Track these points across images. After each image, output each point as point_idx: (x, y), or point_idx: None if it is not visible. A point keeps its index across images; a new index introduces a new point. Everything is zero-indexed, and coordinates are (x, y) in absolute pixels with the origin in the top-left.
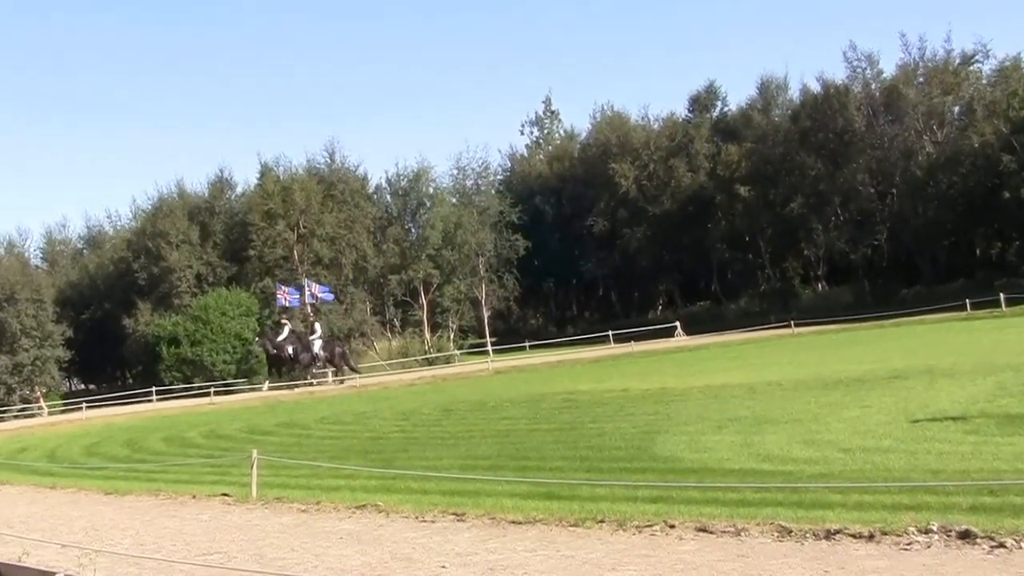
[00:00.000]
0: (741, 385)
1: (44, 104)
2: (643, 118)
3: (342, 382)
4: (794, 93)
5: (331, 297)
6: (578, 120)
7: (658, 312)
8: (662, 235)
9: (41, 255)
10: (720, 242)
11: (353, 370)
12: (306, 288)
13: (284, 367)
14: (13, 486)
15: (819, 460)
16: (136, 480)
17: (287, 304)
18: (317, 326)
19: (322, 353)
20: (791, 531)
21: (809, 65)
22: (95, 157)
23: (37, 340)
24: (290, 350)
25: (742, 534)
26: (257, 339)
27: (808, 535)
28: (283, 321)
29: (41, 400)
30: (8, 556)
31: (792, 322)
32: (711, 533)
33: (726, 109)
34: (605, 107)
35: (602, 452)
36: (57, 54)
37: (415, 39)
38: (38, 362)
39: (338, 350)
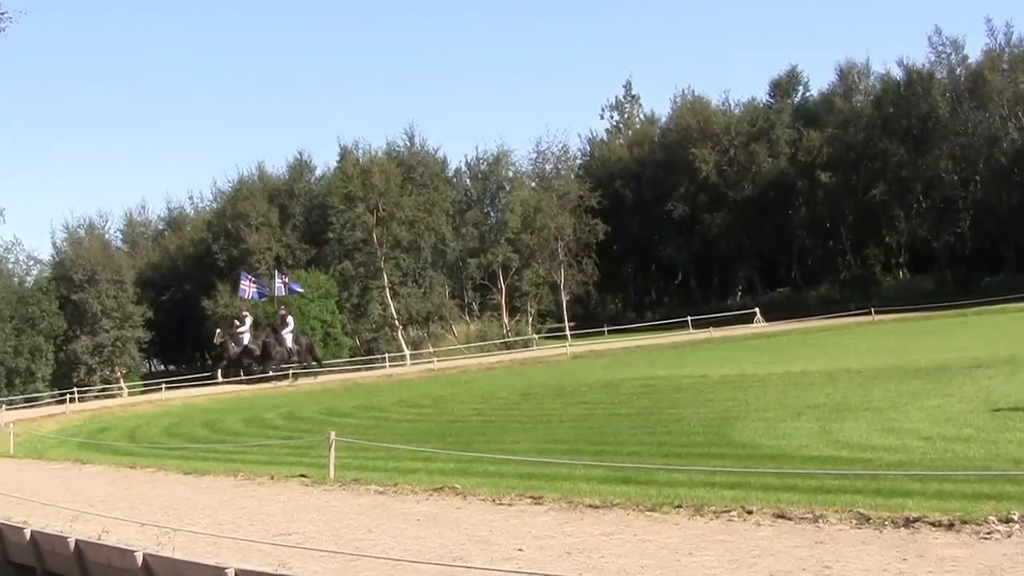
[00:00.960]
0: (820, 372)
1: (124, 87)
2: (724, 103)
3: (297, 377)
4: (875, 79)
5: (301, 290)
6: (658, 105)
7: (737, 298)
8: (742, 221)
9: (121, 237)
10: (801, 228)
11: (318, 363)
12: (276, 279)
13: (246, 362)
14: (94, 465)
15: (899, 448)
16: (215, 460)
17: (248, 296)
18: (289, 319)
19: (294, 347)
20: (870, 519)
21: (890, 51)
22: (177, 140)
23: (117, 321)
24: (255, 344)
25: (820, 521)
26: (217, 331)
27: (887, 523)
28: (244, 314)
29: (121, 380)
30: (89, 534)
31: (873, 310)
32: (789, 520)
33: (807, 94)
34: (686, 92)
35: (680, 437)
36: (138, 35)
37: (496, 23)
38: (118, 343)
39: (305, 342)
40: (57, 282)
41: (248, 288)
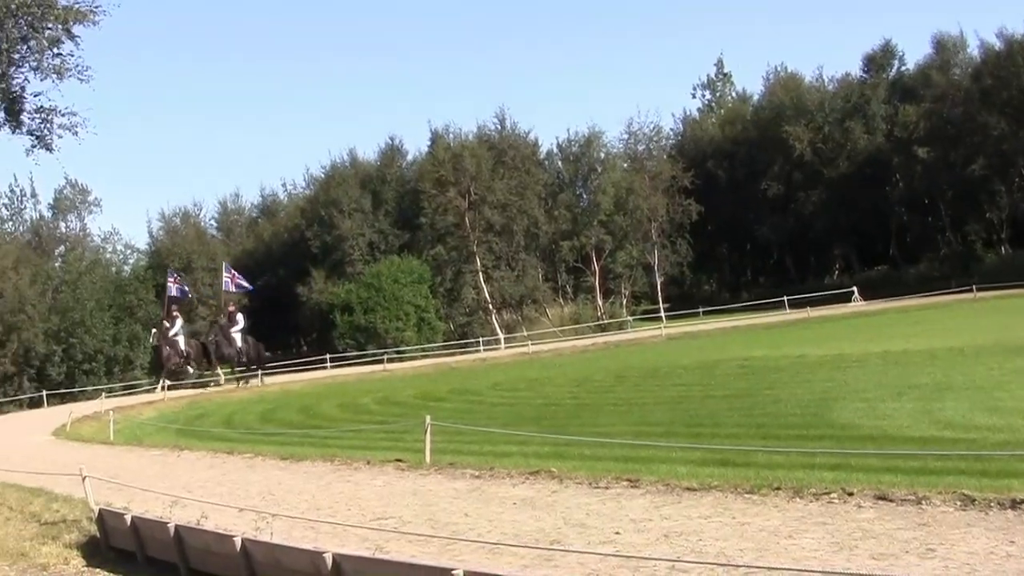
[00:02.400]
0: (921, 351)
1: (218, 77)
2: (817, 79)
3: (247, 382)
4: (973, 51)
5: (249, 287)
6: (750, 82)
7: (834, 277)
8: (838, 198)
9: (216, 225)
10: (898, 205)
11: (262, 363)
12: (225, 274)
13: (175, 364)
14: (192, 451)
15: (1003, 428)
16: (311, 446)
17: (177, 294)
18: (240, 317)
19: (244, 346)
20: (974, 500)
21: (988, 21)
22: (270, 128)
23: (214, 308)
24: (189, 346)
25: (923, 503)
26: (153, 332)
27: (992, 504)
28: (175, 313)
29: (217, 367)
30: (188, 519)
31: (974, 287)
32: (891, 501)
33: (903, 68)
34: (778, 68)
35: (778, 419)
36: (230, 25)
37: (587, 4)
38: (213, 328)
39: (253, 341)
40: (154, 270)
41: (174, 285)
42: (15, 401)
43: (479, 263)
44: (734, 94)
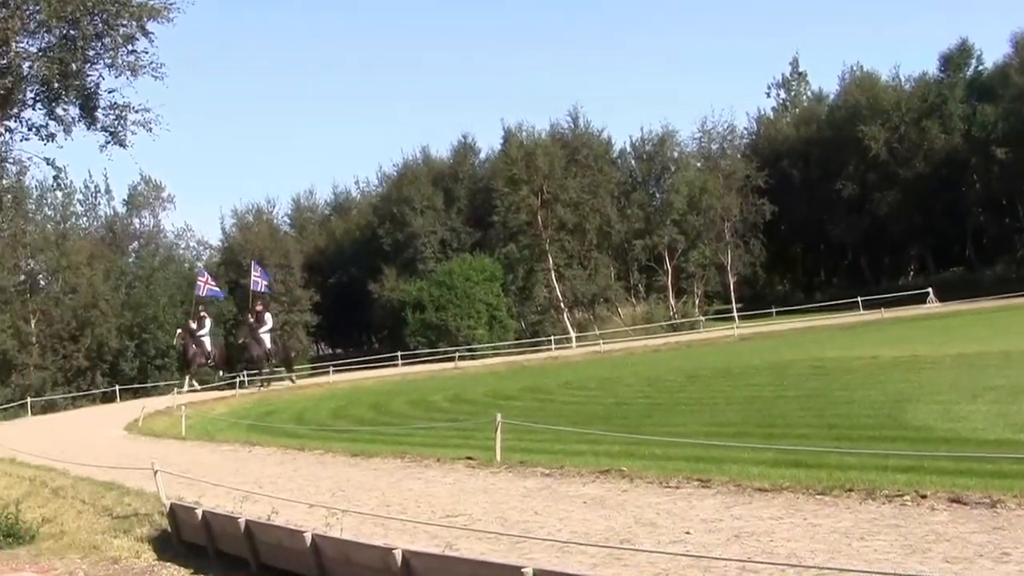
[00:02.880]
0: (997, 353)
1: (291, 74)
2: (893, 78)
3: (267, 384)
4: None
5: (266, 290)
6: (826, 82)
7: (909, 278)
8: (914, 199)
9: (289, 222)
10: (975, 206)
11: (290, 365)
12: (254, 273)
13: (199, 364)
14: (263, 447)
15: None
16: (382, 443)
17: (204, 294)
18: (268, 316)
19: (272, 347)
20: None
21: None
22: (343, 126)
23: (285, 305)
24: (216, 347)
25: (998, 506)
26: (178, 332)
27: None
28: (202, 313)
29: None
30: (258, 515)
31: None
32: (965, 504)
33: (980, 68)
34: (854, 68)
35: (851, 420)
36: (303, 23)
37: (661, 3)
38: (286, 326)
39: (282, 343)
40: (226, 267)
41: (204, 284)
42: (88, 396)
43: (551, 261)
44: (809, 93)
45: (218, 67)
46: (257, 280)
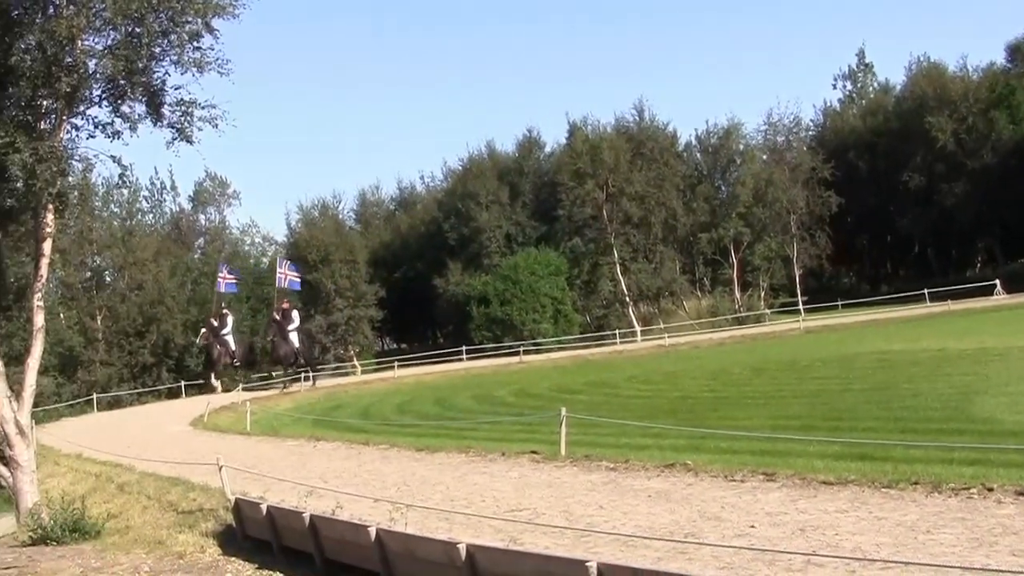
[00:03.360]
0: None
1: (358, 69)
2: (960, 69)
3: (287, 386)
4: None
5: (298, 286)
6: (892, 73)
7: (976, 270)
8: (982, 190)
9: (355, 217)
10: None
11: (314, 365)
12: (279, 270)
13: (226, 366)
14: (328, 442)
15: None
16: (446, 437)
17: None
18: (295, 314)
19: (300, 346)
20: None
21: None
22: (408, 120)
23: (351, 300)
24: (241, 345)
25: None
26: (202, 331)
27: None
28: (224, 311)
29: (355, 359)
30: (323, 509)
31: None
32: None
33: None
34: (921, 59)
35: (917, 413)
36: (369, 17)
37: None
38: (352, 322)
39: (307, 341)
40: (292, 262)
41: (223, 281)
42: (153, 391)
43: (616, 255)
44: (876, 85)
45: (284, 62)
46: (283, 275)
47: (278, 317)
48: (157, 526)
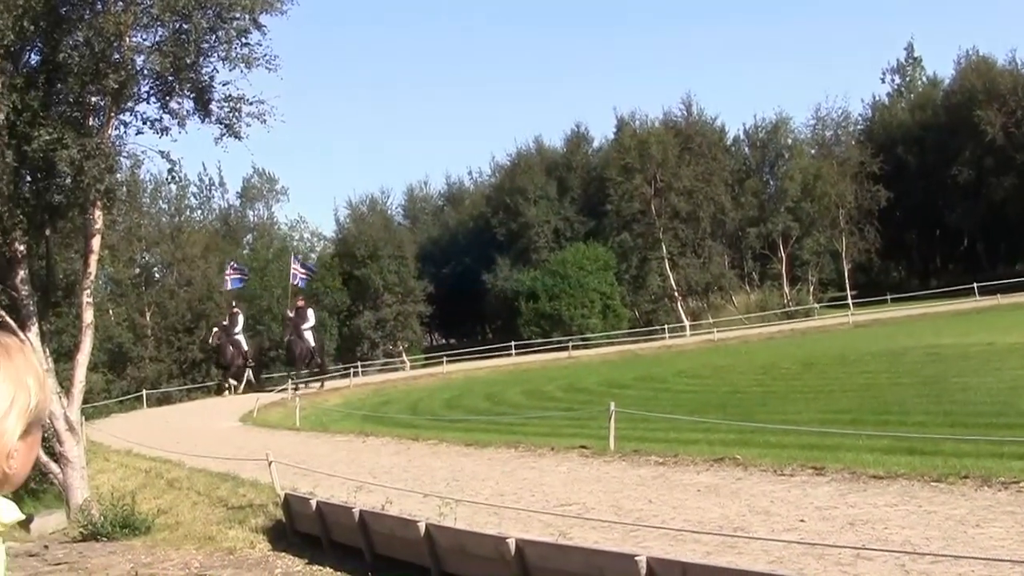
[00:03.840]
0: None
1: (406, 65)
2: (1010, 62)
3: (296, 390)
4: None
5: (304, 284)
6: (941, 67)
7: None
8: None
9: (403, 212)
10: None
11: (324, 368)
12: (293, 265)
13: (239, 367)
14: (377, 438)
15: None
16: (495, 432)
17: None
18: (310, 313)
19: (315, 345)
20: None
21: None
22: (456, 115)
23: (399, 296)
24: (251, 345)
25: None
26: (214, 331)
27: None
28: (235, 310)
29: (403, 354)
30: (372, 505)
31: None
32: None
33: None
34: (970, 52)
35: (967, 407)
36: (417, 11)
37: None
38: (400, 317)
39: (320, 340)
40: (340, 258)
41: (230, 276)
42: (203, 388)
43: (665, 250)
44: (924, 79)
45: (331, 58)
46: (295, 273)
47: (291, 315)
48: (207, 522)
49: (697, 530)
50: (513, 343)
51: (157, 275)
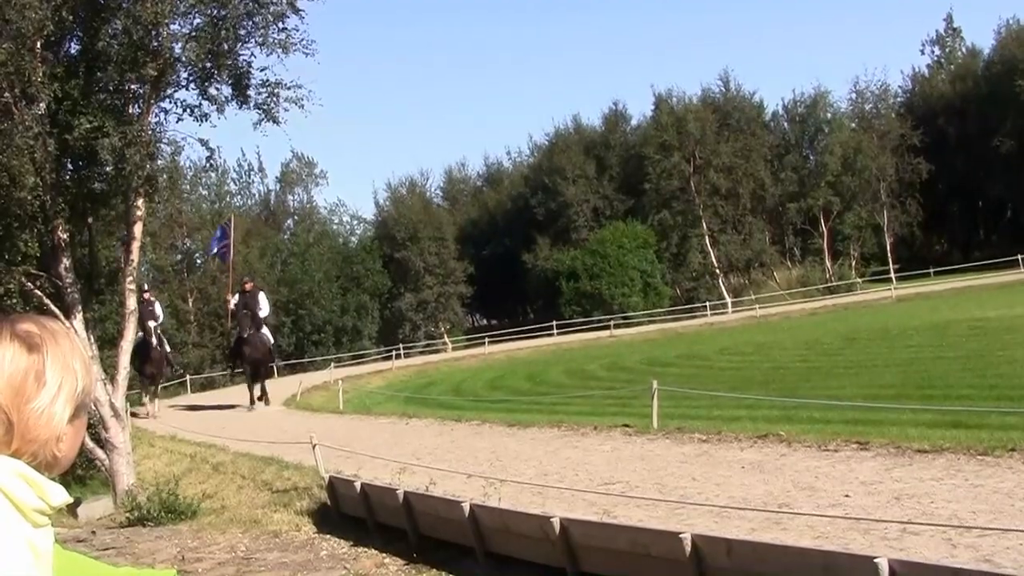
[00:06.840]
0: None
1: (443, 46)
2: None
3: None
4: None
5: (222, 258)
6: (981, 37)
7: None
8: None
9: (442, 194)
10: None
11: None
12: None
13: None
14: (420, 419)
15: None
16: (538, 412)
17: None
18: (262, 297)
19: (270, 344)
20: None
21: None
22: (494, 95)
23: (440, 277)
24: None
25: None
26: (234, 309)
27: None
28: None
29: (445, 336)
30: (416, 486)
31: None
32: None
33: None
34: (1010, 21)
35: (1012, 380)
36: None
37: None
38: (441, 299)
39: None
40: (380, 241)
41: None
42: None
43: (705, 227)
44: (964, 50)
45: (368, 40)
46: (213, 245)
47: (234, 301)
48: (252, 505)
49: (742, 507)
50: (554, 323)
51: (199, 261)
